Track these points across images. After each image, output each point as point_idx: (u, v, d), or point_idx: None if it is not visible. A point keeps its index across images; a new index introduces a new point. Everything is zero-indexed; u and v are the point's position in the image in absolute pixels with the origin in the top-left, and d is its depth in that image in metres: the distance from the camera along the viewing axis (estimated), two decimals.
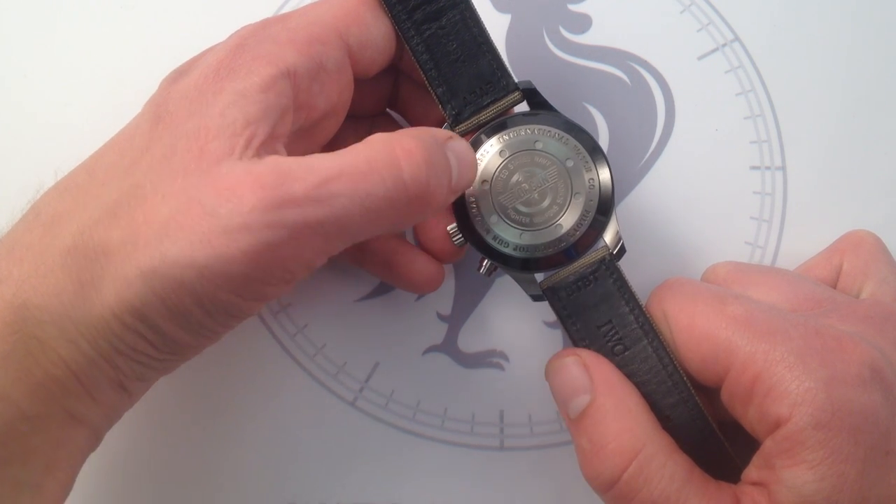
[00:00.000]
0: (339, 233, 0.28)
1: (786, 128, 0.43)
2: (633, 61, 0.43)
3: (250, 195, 0.26)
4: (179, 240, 0.26)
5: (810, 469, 0.28)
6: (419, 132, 0.31)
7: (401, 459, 0.40)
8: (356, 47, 0.33)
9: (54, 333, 0.27)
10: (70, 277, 0.28)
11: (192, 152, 0.28)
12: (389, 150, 0.29)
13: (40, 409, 0.28)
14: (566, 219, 0.34)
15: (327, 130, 0.35)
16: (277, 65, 0.30)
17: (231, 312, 0.29)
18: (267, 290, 0.29)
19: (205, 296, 0.27)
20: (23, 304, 0.27)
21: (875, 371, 0.29)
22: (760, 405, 0.29)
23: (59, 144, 0.42)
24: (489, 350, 0.41)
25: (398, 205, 0.29)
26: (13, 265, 0.28)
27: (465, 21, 0.35)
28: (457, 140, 0.32)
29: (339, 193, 0.27)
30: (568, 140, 0.35)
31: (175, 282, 0.27)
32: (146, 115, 0.31)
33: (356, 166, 0.28)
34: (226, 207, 0.26)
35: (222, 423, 0.40)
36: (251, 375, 0.41)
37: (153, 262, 0.27)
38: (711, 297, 0.33)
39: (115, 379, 0.29)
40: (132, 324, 0.28)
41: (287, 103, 0.30)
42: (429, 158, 0.29)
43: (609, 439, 0.31)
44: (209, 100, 0.29)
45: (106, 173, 0.30)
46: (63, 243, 0.28)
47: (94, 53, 0.44)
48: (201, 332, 0.29)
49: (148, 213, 0.27)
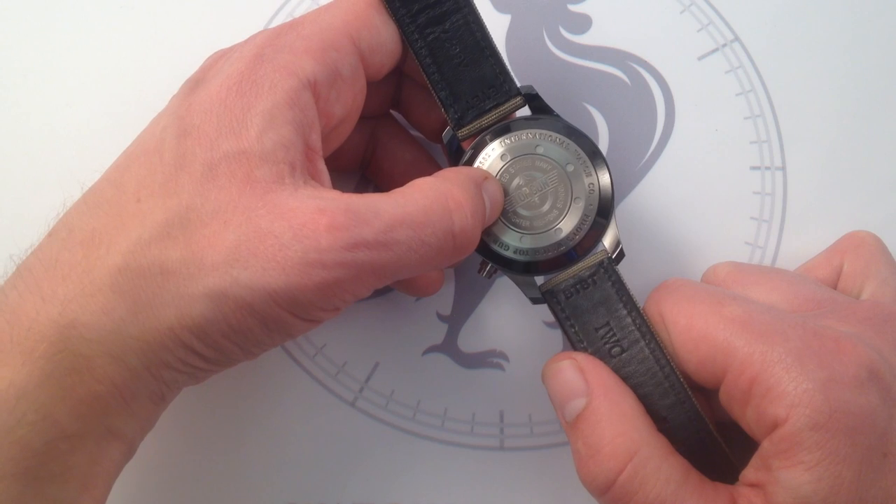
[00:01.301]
0: (394, 273, 0.30)
1: (786, 128, 0.43)
2: (633, 61, 0.43)
3: (326, 235, 0.28)
4: (252, 266, 0.28)
5: (807, 470, 0.28)
6: (462, 178, 0.32)
7: (401, 459, 0.40)
8: (367, 52, 0.34)
9: (100, 350, 0.28)
10: (121, 296, 0.28)
11: (237, 177, 0.29)
12: (443, 201, 0.31)
13: (81, 428, 0.28)
14: (566, 223, 0.34)
15: (341, 135, 0.35)
16: (298, 76, 0.31)
17: (288, 331, 0.31)
18: (321, 315, 0.31)
19: (269, 317, 0.29)
20: (70, 323, 0.28)
21: (872, 373, 0.29)
22: (758, 406, 0.29)
23: (59, 144, 0.43)
24: (489, 350, 0.41)
25: (446, 252, 0.31)
26: (57, 284, 0.29)
27: (468, 25, 0.35)
28: (491, 181, 0.34)
29: (401, 241, 0.30)
30: (569, 145, 0.35)
31: (245, 303, 0.28)
32: (169, 127, 0.31)
33: (416, 216, 0.30)
34: (302, 243, 0.28)
35: (222, 423, 0.40)
36: (251, 375, 0.41)
37: (223, 284, 0.28)
38: (709, 298, 0.33)
39: (157, 391, 0.30)
40: (189, 340, 0.29)
41: (312, 115, 0.31)
42: (474, 210, 0.32)
43: (604, 443, 0.31)
44: (238, 117, 0.30)
45: (139, 189, 0.30)
46: (112, 262, 0.29)
47: (94, 53, 0.44)
48: (254, 347, 0.31)
49: (211, 237, 0.29)
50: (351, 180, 0.43)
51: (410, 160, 0.40)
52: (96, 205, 0.31)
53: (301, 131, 0.31)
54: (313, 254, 0.28)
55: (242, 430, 0.40)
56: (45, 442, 0.27)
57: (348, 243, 0.28)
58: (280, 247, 0.28)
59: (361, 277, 0.29)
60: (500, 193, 0.34)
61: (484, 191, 0.33)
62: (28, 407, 0.27)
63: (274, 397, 0.41)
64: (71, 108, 0.43)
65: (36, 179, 0.42)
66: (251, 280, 0.28)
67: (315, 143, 0.31)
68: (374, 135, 0.40)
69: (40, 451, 0.27)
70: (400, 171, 0.40)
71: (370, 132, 0.40)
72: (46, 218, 0.32)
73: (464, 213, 0.31)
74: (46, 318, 0.28)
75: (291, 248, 0.28)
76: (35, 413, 0.27)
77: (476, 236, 0.32)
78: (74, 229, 0.30)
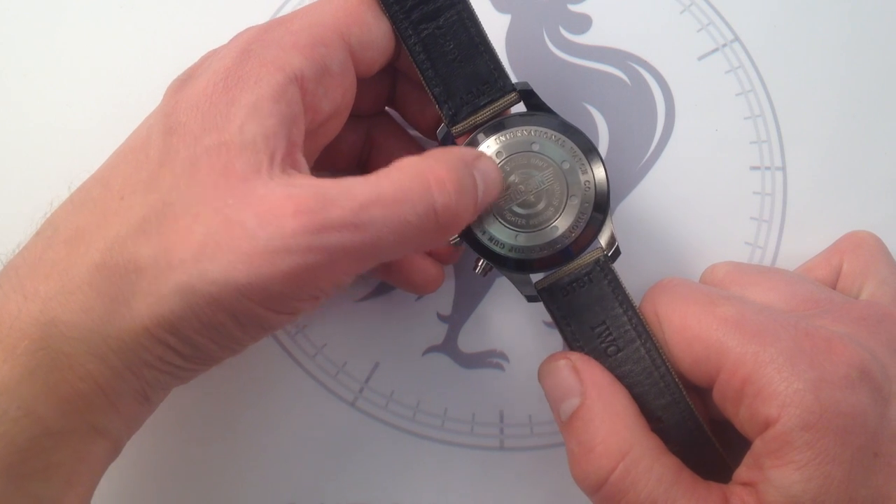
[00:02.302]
0: (372, 256, 0.29)
1: (786, 128, 0.42)
2: (633, 61, 0.43)
3: (291, 219, 0.27)
4: (218, 259, 0.27)
5: (797, 470, 0.28)
6: (449, 156, 0.31)
7: (401, 459, 0.40)
8: (358, 48, 0.33)
9: (82, 349, 0.28)
10: (99, 294, 0.28)
11: (216, 169, 0.29)
12: (422, 177, 0.29)
13: (65, 424, 0.28)
14: (561, 221, 0.34)
15: (330, 131, 0.35)
16: (285, 70, 0.30)
17: (263, 326, 0.30)
18: (298, 306, 0.30)
19: (240, 311, 0.28)
20: (50, 321, 0.28)
21: (863, 372, 0.29)
22: (750, 406, 0.30)
23: (60, 144, 0.43)
24: (489, 350, 0.41)
25: (428, 230, 0.30)
26: (39, 282, 0.29)
27: (462, 21, 0.35)
28: (484, 159, 0.33)
29: (375, 220, 0.28)
30: (564, 142, 0.35)
31: (213, 298, 0.27)
32: (156, 125, 0.31)
33: (391, 194, 0.28)
34: (267, 230, 0.27)
35: (222, 423, 0.41)
36: (251, 375, 0.41)
37: (191, 279, 0.27)
38: (703, 298, 0.33)
39: (140, 390, 0.30)
40: (164, 337, 0.28)
41: (298, 110, 0.31)
42: (459, 186, 0.30)
43: (597, 442, 0.31)
44: (222, 111, 0.30)
45: (123, 186, 0.30)
46: (90, 259, 0.28)
47: (94, 53, 0.44)
48: (231, 343, 0.30)
49: (181, 231, 0.28)
50: None
51: None
52: (82, 203, 0.31)
53: (284, 124, 0.30)
54: (278, 240, 0.27)
55: (242, 430, 0.41)
56: (28, 438, 0.27)
57: (316, 226, 0.27)
58: (245, 236, 0.27)
59: (335, 262, 0.28)
60: (495, 172, 0.33)
61: (475, 170, 0.31)
62: (10, 403, 0.27)
63: (274, 397, 0.41)
64: (71, 107, 0.43)
65: (33, 179, 0.42)
66: (218, 274, 0.27)
67: (296, 137, 0.31)
68: (370, 134, 0.40)
69: (23, 448, 0.27)
70: None
71: (366, 131, 0.40)
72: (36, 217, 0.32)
73: (446, 189, 0.29)
74: (28, 316, 0.28)
75: (257, 237, 0.27)
76: (18, 409, 0.27)
77: (464, 215, 0.31)
78: (59, 228, 0.30)
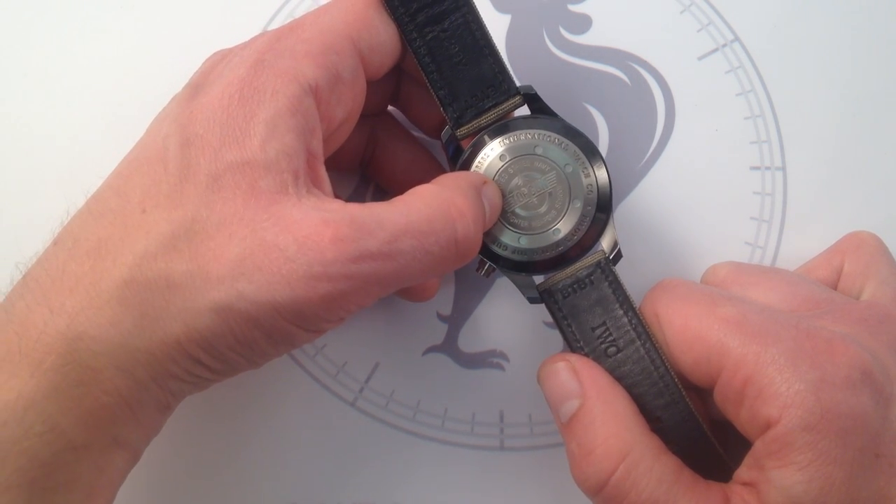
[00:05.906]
0: (398, 282, 0.31)
1: (786, 128, 0.42)
2: (633, 61, 0.43)
3: (331, 246, 0.28)
4: (257, 280, 0.28)
5: (799, 471, 0.28)
6: (463, 185, 0.33)
7: (401, 459, 0.40)
8: (367, 52, 0.34)
9: (109, 363, 0.28)
10: (128, 309, 0.28)
11: (242, 188, 0.29)
12: (446, 209, 0.31)
13: (87, 438, 0.28)
14: (564, 224, 0.35)
15: (341, 136, 0.35)
16: (300, 81, 0.31)
17: (292, 342, 0.31)
18: (326, 326, 0.31)
19: (274, 329, 0.29)
20: (77, 336, 0.28)
21: (865, 373, 0.29)
22: (751, 407, 0.30)
23: (60, 144, 0.43)
24: (489, 350, 0.41)
25: (448, 259, 0.31)
26: (65, 296, 0.29)
27: (467, 24, 0.35)
28: (490, 186, 0.34)
29: (405, 251, 0.30)
30: (568, 145, 0.35)
31: (250, 316, 0.28)
32: (172, 135, 0.31)
33: (419, 225, 0.30)
34: (307, 255, 0.28)
35: (222, 423, 0.41)
36: (251, 376, 0.40)
37: (229, 298, 0.28)
38: (704, 298, 0.33)
39: (163, 401, 0.30)
40: (195, 352, 0.29)
41: (314, 121, 0.31)
42: (476, 216, 0.32)
43: (597, 443, 0.31)
44: (241, 125, 0.30)
45: (143, 199, 0.30)
46: (119, 274, 0.29)
47: (94, 53, 0.44)
48: (259, 358, 0.31)
49: (215, 249, 0.29)
50: (351, 180, 0.43)
51: (410, 158, 0.40)
52: (101, 214, 0.30)
53: (303, 138, 0.30)
54: (318, 267, 0.28)
55: (242, 430, 0.41)
56: (52, 453, 0.27)
57: (353, 255, 0.28)
58: (285, 260, 0.28)
59: (366, 288, 0.29)
60: (498, 198, 0.34)
61: (483, 196, 0.33)
62: (36, 418, 0.27)
63: (274, 397, 0.41)
64: (71, 107, 0.43)
65: (37, 182, 0.42)
66: (256, 294, 0.28)
67: (316, 148, 0.31)
68: (374, 134, 0.40)
69: (47, 462, 0.27)
70: (400, 169, 0.40)
71: (369, 131, 0.40)
72: (48, 223, 0.32)
73: (466, 220, 0.31)
74: (54, 331, 0.28)
75: (296, 262, 0.28)
76: (42, 424, 0.27)
77: (478, 242, 0.32)
78: (80, 239, 0.30)
